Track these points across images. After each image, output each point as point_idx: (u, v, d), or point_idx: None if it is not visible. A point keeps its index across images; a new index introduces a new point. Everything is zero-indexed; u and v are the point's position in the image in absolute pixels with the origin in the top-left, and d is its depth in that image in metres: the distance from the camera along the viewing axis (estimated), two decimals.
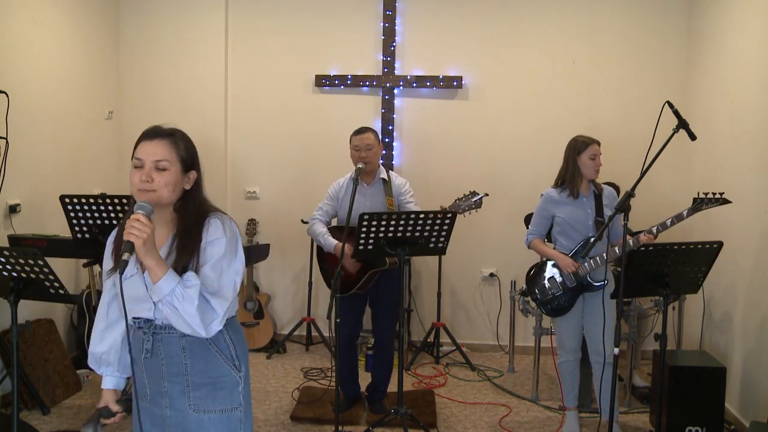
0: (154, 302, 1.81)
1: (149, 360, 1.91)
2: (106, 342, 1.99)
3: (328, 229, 3.83)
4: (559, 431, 3.77)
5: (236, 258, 1.90)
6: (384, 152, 5.17)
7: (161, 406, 1.93)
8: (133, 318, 1.89)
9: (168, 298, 1.75)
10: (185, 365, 1.90)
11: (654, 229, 3.29)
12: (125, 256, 1.68)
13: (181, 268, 1.81)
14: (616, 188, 4.07)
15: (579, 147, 3.53)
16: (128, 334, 1.84)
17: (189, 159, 1.90)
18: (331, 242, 3.72)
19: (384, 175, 3.89)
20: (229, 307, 1.86)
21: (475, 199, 3.65)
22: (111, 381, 2.01)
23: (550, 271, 3.65)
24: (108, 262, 1.96)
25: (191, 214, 1.88)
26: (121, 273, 1.69)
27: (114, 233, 1.99)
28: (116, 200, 3.35)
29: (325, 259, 3.92)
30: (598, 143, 3.55)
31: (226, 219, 1.92)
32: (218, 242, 1.86)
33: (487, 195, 3.72)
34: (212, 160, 5.20)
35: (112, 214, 3.36)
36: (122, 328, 1.99)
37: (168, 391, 1.91)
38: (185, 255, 1.83)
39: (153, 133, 1.88)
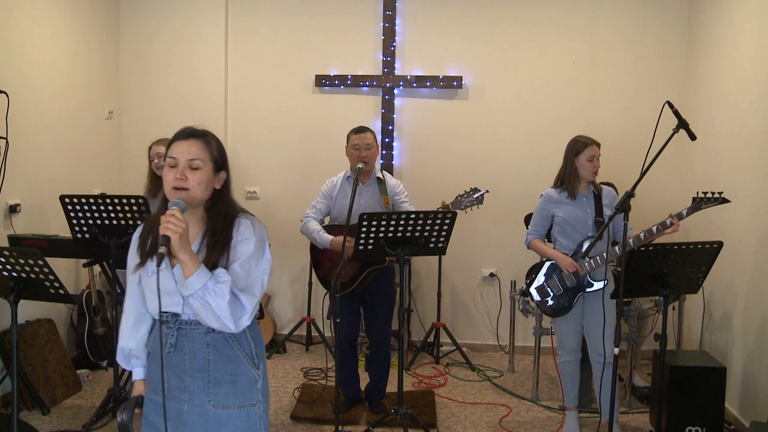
0: (183, 297, 1.85)
1: (172, 354, 1.93)
2: (136, 337, 2.02)
3: (324, 228, 3.83)
4: (559, 431, 3.78)
5: (264, 258, 1.95)
6: (384, 152, 5.17)
7: (179, 401, 1.94)
8: (161, 312, 1.92)
9: (200, 292, 1.79)
10: (208, 361, 1.92)
11: (684, 212, 3.27)
12: (162, 250, 1.73)
13: (210, 265, 1.86)
14: (613, 188, 4.08)
15: (578, 148, 3.53)
16: (161, 325, 1.88)
17: (220, 159, 1.96)
18: (326, 238, 3.72)
19: (379, 174, 3.89)
20: (256, 304, 1.91)
21: (477, 195, 3.70)
22: (142, 371, 2.04)
23: (550, 271, 3.65)
24: (134, 257, 1.99)
25: (221, 212, 1.94)
26: (159, 265, 1.73)
27: (139, 230, 2.02)
28: (116, 200, 3.35)
29: (319, 261, 3.91)
30: (598, 145, 3.54)
31: (255, 220, 1.99)
32: (248, 241, 1.92)
33: (488, 191, 3.75)
34: None
35: (112, 214, 3.36)
36: (149, 324, 2.03)
37: (188, 387, 1.93)
38: (215, 252, 1.88)
39: (187, 133, 1.94)
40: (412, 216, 3.30)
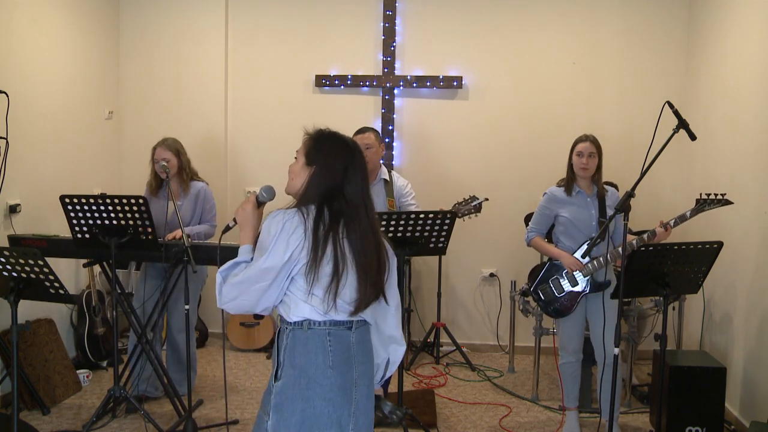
0: None
1: None
2: None
3: None
4: (559, 431, 3.78)
5: None
6: (384, 152, 5.16)
7: None
8: None
9: None
10: None
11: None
12: None
13: None
14: (615, 188, 4.07)
15: (573, 144, 3.55)
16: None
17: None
18: None
19: (386, 175, 3.88)
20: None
21: (475, 203, 3.70)
22: None
23: (552, 271, 3.64)
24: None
25: None
26: None
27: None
28: (116, 200, 3.34)
29: None
30: (593, 142, 3.52)
31: None
32: None
33: (486, 200, 3.74)
34: (212, 160, 5.20)
35: (112, 215, 3.36)
36: None
37: None
38: None
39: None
40: (412, 216, 3.30)
